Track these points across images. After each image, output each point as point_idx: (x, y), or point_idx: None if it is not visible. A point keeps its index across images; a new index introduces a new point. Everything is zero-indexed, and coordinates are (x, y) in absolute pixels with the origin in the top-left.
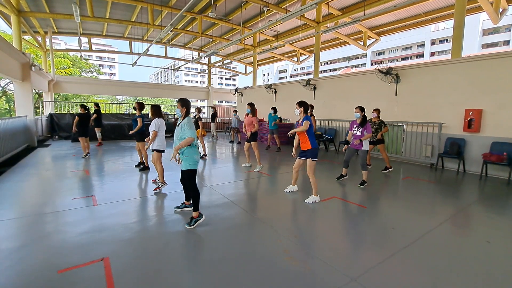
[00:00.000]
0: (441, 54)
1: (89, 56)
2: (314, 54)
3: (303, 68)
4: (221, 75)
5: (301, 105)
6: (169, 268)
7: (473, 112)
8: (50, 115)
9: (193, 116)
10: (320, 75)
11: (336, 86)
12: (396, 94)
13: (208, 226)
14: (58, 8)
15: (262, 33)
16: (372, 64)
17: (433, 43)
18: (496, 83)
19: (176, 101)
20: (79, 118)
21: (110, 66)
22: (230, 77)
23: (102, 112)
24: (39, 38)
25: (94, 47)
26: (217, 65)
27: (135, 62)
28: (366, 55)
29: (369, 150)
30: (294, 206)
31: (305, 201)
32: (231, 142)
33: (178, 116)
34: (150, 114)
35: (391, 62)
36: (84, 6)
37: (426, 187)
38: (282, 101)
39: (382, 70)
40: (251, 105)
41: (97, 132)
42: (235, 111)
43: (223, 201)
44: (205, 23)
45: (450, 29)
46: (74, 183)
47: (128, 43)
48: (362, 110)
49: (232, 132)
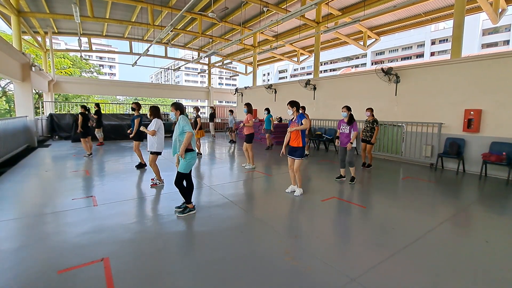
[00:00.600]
0: (441, 54)
1: (89, 56)
2: (314, 54)
3: (303, 68)
4: (221, 75)
5: (293, 105)
6: (169, 268)
7: (473, 112)
8: (50, 115)
9: (192, 116)
10: (320, 75)
11: (336, 86)
12: (396, 94)
13: (208, 226)
14: (58, 8)
15: (262, 33)
16: (372, 64)
17: (433, 43)
18: (496, 83)
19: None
20: (83, 117)
21: (110, 66)
22: (230, 77)
23: (102, 112)
24: (39, 38)
25: (94, 47)
26: (217, 65)
27: (135, 62)
28: (366, 55)
29: (362, 149)
30: (294, 206)
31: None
32: (231, 142)
33: (173, 119)
34: (149, 115)
35: (391, 62)
36: (84, 6)
37: (426, 187)
38: (282, 101)
39: (382, 69)
40: (248, 105)
41: (97, 132)
42: (231, 111)
43: (223, 201)
44: (205, 23)
45: (450, 29)
46: (74, 184)
47: (128, 43)
48: (348, 109)
49: (229, 132)
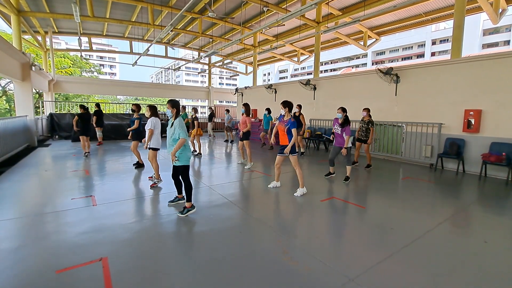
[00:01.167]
0: (442, 54)
1: (89, 56)
2: (314, 54)
3: (304, 68)
4: (221, 75)
5: (285, 105)
6: (168, 268)
7: (472, 112)
8: (50, 115)
9: (190, 116)
10: (320, 75)
11: (336, 86)
12: (396, 94)
13: (207, 226)
14: (58, 8)
15: (262, 33)
16: (372, 64)
17: (433, 43)
18: (496, 83)
19: (166, 102)
20: (79, 117)
21: (111, 66)
22: (231, 77)
23: (103, 111)
24: (39, 38)
25: (94, 47)
26: (217, 65)
27: (136, 62)
28: (367, 55)
29: (356, 148)
30: (294, 206)
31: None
32: (226, 141)
33: (169, 116)
34: (147, 114)
35: (392, 62)
36: (84, 6)
37: (426, 187)
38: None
39: (382, 70)
40: (246, 105)
41: (97, 131)
42: (227, 111)
43: (223, 201)
44: (205, 23)
45: (451, 29)
46: (74, 183)
47: (128, 43)
48: (344, 110)
49: (225, 131)
